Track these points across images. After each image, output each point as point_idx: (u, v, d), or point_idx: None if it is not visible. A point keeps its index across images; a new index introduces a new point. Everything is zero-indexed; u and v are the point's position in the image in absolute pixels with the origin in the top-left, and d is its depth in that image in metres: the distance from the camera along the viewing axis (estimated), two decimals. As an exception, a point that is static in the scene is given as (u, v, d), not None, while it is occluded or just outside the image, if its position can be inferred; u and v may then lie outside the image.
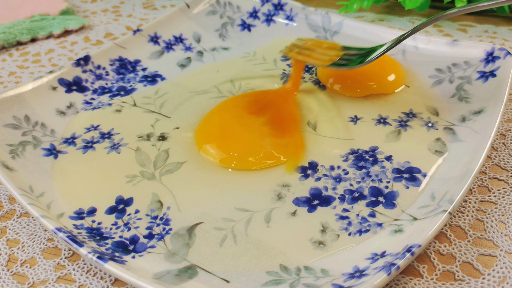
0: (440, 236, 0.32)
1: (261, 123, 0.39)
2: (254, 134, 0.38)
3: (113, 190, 0.35)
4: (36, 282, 0.30)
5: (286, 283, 0.28)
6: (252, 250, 0.30)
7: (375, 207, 0.32)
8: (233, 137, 0.38)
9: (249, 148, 0.37)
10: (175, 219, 0.33)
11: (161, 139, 0.39)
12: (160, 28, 0.51)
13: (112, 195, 0.34)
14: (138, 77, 0.46)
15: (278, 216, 0.32)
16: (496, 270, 0.29)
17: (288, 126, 0.39)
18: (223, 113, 0.41)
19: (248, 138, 0.38)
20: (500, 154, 0.38)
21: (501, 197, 0.34)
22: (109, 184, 0.35)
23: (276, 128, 0.39)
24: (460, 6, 0.36)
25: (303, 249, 0.30)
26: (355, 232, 0.31)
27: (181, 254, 0.30)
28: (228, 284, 0.28)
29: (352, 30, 0.49)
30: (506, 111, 0.42)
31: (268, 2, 0.54)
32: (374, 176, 0.35)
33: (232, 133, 0.39)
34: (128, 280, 0.26)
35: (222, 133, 0.39)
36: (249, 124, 0.39)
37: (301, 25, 0.52)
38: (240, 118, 0.40)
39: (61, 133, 0.40)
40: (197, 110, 0.42)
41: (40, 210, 0.31)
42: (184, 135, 0.40)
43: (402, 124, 0.39)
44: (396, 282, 0.29)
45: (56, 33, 0.58)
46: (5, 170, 0.34)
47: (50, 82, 0.43)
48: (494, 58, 0.41)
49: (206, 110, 0.42)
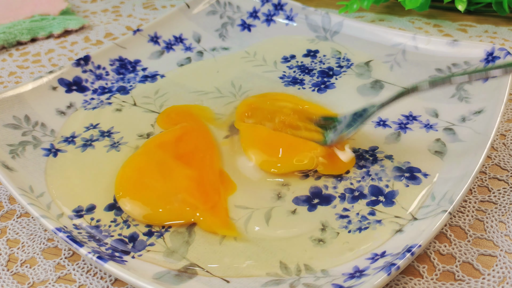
0: (440, 236, 0.32)
1: (183, 174, 0.35)
2: (171, 186, 0.34)
3: (112, 187, 0.35)
4: (36, 282, 0.30)
5: (286, 283, 0.28)
6: (252, 249, 0.30)
7: (375, 206, 0.32)
8: (151, 188, 0.34)
9: (163, 201, 0.33)
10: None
11: (161, 139, 0.39)
12: (160, 28, 0.51)
13: (111, 193, 0.34)
14: (138, 77, 0.46)
15: (278, 214, 0.32)
16: (496, 270, 0.29)
17: (212, 186, 0.34)
18: (145, 156, 0.37)
19: (164, 191, 0.34)
20: (500, 154, 0.38)
21: (501, 197, 0.34)
22: (108, 181, 0.35)
23: (198, 188, 0.34)
24: (426, 81, 0.33)
25: (303, 247, 0.30)
26: (354, 230, 0.31)
27: (181, 252, 0.30)
28: (228, 284, 0.28)
29: (352, 30, 0.49)
30: (506, 111, 0.42)
31: (268, 2, 0.54)
32: (374, 175, 0.35)
33: (150, 182, 0.34)
34: (128, 280, 0.26)
35: (141, 182, 0.34)
36: (170, 173, 0.35)
37: (301, 25, 0.52)
38: (161, 164, 0.35)
39: (60, 132, 0.40)
40: (197, 110, 0.42)
41: (40, 210, 0.31)
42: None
43: (402, 126, 0.39)
44: (396, 282, 0.29)
45: (56, 33, 0.58)
46: (5, 170, 0.34)
47: (50, 82, 0.43)
48: (494, 58, 0.41)
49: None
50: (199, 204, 0.32)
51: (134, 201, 0.33)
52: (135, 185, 0.34)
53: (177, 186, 0.34)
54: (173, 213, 0.32)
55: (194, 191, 0.33)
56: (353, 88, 0.44)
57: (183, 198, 0.33)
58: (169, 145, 0.37)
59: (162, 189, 0.34)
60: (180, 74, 0.47)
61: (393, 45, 0.46)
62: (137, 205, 0.33)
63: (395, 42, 0.46)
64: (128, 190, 0.34)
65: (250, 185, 0.35)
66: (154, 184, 0.34)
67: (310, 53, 0.49)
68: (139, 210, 0.32)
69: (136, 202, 0.33)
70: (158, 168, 0.35)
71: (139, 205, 0.33)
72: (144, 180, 0.34)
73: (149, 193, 0.33)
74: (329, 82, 0.45)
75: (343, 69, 0.46)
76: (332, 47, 0.49)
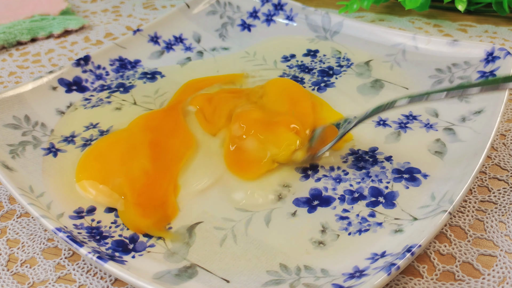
0: (440, 236, 0.32)
1: (140, 164, 0.35)
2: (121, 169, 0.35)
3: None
4: (36, 282, 0.30)
5: (286, 283, 0.28)
6: (252, 250, 0.30)
7: (375, 207, 0.32)
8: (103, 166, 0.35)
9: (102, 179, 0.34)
10: (175, 218, 0.33)
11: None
12: (160, 28, 0.51)
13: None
14: (138, 74, 0.46)
15: (278, 216, 0.32)
16: (496, 270, 0.29)
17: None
18: (125, 133, 0.38)
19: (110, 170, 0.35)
20: (500, 154, 0.38)
21: (501, 197, 0.34)
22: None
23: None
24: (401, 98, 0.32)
25: (303, 249, 0.30)
26: (355, 232, 0.31)
27: (181, 254, 0.30)
28: (228, 284, 0.28)
29: (352, 30, 0.49)
30: (506, 111, 0.42)
31: (268, 2, 0.54)
32: (374, 177, 0.35)
33: (107, 162, 0.36)
34: (128, 280, 0.26)
35: (101, 160, 0.36)
36: (131, 157, 0.36)
37: (301, 25, 0.52)
38: (131, 145, 0.37)
39: (60, 131, 0.40)
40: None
41: (40, 210, 0.31)
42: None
43: (402, 125, 0.39)
44: (396, 282, 0.29)
45: (56, 33, 0.58)
46: (5, 170, 0.34)
47: (50, 82, 0.43)
48: (494, 58, 0.41)
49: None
50: (129, 196, 0.33)
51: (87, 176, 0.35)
52: (94, 163, 0.36)
53: (125, 171, 0.34)
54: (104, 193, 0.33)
55: (135, 183, 0.34)
56: (353, 87, 0.44)
57: (120, 183, 0.33)
58: (154, 127, 0.38)
59: (110, 168, 0.35)
60: (180, 74, 0.47)
61: (393, 45, 0.46)
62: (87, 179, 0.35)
63: (395, 42, 0.46)
64: (86, 169, 0.35)
65: (250, 186, 0.35)
66: (109, 163, 0.35)
67: (310, 53, 0.49)
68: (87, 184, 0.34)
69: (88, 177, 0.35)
70: (125, 148, 0.36)
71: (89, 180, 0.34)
72: (104, 158, 0.36)
73: (99, 168, 0.35)
74: (329, 81, 0.45)
75: (343, 69, 0.46)
76: (332, 47, 0.49)
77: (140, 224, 0.32)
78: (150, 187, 0.34)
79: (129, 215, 0.32)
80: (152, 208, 0.33)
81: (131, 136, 0.38)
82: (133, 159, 0.35)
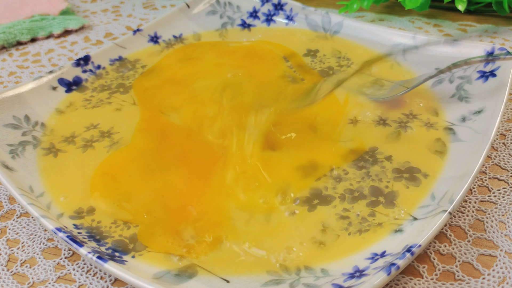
0: (440, 236, 0.32)
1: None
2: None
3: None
4: (36, 282, 0.30)
5: (286, 283, 0.28)
6: (252, 250, 0.30)
7: (375, 207, 0.32)
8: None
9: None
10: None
11: (161, 139, 0.39)
12: (160, 28, 0.51)
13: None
14: (137, 74, 0.46)
15: (278, 215, 0.32)
16: (496, 270, 0.29)
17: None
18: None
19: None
20: (500, 154, 0.38)
21: (501, 197, 0.34)
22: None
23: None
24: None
25: (303, 249, 0.30)
26: (355, 232, 0.31)
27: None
28: (228, 284, 0.28)
29: (352, 30, 0.49)
30: (506, 111, 0.42)
31: (268, 2, 0.54)
32: (374, 176, 0.35)
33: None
34: (128, 280, 0.26)
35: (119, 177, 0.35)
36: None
37: (301, 25, 0.52)
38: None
39: (60, 131, 0.40)
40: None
41: (40, 210, 0.31)
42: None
43: (402, 125, 0.39)
44: (396, 282, 0.29)
45: (56, 33, 0.58)
46: (5, 170, 0.34)
47: (50, 82, 0.43)
48: (494, 58, 0.41)
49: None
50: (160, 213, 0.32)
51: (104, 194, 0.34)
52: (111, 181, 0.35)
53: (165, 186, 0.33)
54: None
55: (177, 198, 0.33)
56: (353, 86, 0.44)
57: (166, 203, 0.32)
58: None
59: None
60: (180, 73, 0.47)
61: (393, 45, 0.46)
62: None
63: (395, 42, 0.46)
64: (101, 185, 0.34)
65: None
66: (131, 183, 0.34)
67: (310, 53, 0.49)
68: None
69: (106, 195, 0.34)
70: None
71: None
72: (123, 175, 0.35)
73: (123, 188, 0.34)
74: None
75: (343, 69, 0.46)
76: (332, 46, 0.49)
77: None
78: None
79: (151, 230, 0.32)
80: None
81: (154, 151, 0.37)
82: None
